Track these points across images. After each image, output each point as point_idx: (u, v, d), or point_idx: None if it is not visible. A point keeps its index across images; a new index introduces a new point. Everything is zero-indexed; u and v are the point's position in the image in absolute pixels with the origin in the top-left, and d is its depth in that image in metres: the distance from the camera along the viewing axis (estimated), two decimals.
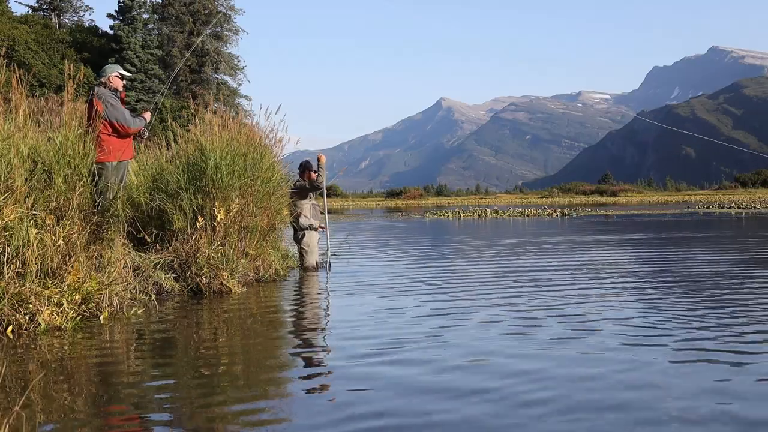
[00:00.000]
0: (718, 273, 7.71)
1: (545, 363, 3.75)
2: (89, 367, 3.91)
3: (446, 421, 2.87)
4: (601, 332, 4.56)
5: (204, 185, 6.92)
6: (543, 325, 4.83)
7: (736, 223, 20.41)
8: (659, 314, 5.19)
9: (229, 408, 3.13)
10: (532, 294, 6.36)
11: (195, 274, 6.51)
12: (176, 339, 4.68)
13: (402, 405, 3.09)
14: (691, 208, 36.58)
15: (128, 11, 49.96)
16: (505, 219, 27.35)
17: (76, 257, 5.14)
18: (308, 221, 8.65)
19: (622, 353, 3.96)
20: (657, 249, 11.25)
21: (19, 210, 4.86)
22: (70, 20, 57.57)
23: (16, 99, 5.44)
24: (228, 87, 50.49)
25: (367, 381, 3.50)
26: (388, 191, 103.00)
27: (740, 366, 3.66)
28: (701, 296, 6.08)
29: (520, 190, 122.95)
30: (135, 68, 47.31)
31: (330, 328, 5.10)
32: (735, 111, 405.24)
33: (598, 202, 64.12)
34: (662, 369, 3.62)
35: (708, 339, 4.31)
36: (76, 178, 5.52)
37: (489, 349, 4.11)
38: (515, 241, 13.75)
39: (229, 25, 51.29)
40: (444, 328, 4.82)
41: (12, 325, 4.57)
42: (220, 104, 9.45)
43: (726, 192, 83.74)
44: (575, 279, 7.47)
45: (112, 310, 5.27)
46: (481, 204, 61.11)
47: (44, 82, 42.18)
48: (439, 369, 3.69)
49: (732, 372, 3.55)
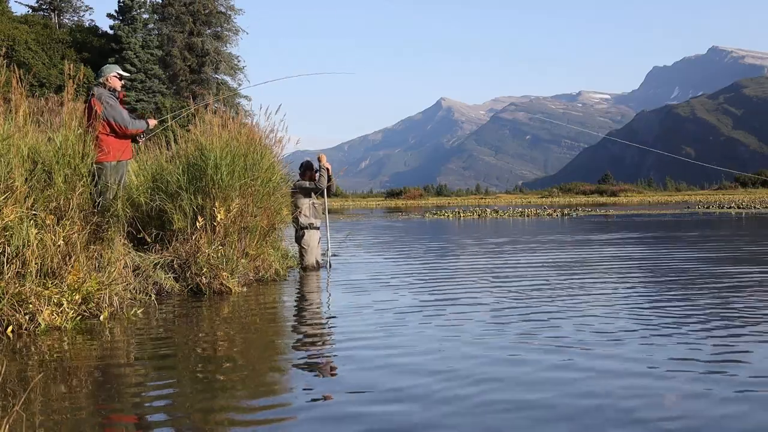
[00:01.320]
0: (693, 269, 7.74)
1: (482, 350, 3.77)
2: (89, 367, 3.91)
3: (447, 417, 2.88)
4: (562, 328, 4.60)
5: (204, 185, 6.92)
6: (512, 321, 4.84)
7: (736, 222, 20.41)
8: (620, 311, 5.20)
9: (229, 408, 3.13)
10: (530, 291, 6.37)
11: (195, 274, 6.51)
12: (176, 339, 4.68)
13: (405, 408, 3.10)
14: (691, 208, 36.57)
15: (128, 11, 49.96)
16: (505, 219, 27.35)
17: (76, 257, 5.14)
18: (308, 220, 8.66)
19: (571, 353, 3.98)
20: (644, 248, 11.25)
21: (19, 210, 4.86)
22: (70, 20, 57.59)
23: (16, 99, 5.44)
24: (228, 87, 50.46)
25: (367, 381, 3.50)
26: (388, 191, 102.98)
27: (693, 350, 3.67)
28: (664, 291, 6.09)
29: (520, 190, 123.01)
30: (135, 68, 47.27)
31: (330, 327, 5.10)
32: (735, 111, 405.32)
33: (598, 202, 64.10)
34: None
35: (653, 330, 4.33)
36: (76, 178, 5.51)
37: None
38: (517, 239, 13.75)
39: (229, 25, 51.26)
40: (442, 327, 4.83)
41: (12, 325, 4.57)
42: (220, 104, 9.45)
43: (726, 192, 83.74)
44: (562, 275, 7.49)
45: (112, 310, 5.27)
46: (481, 204, 61.10)
47: (44, 82, 42.17)
48: (438, 367, 3.70)
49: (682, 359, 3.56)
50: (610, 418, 2.89)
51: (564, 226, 20.67)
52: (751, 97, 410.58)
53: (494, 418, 2.92)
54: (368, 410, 3.04)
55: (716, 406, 3.03)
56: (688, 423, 2.82)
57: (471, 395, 3.22)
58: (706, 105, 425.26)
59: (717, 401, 3.09)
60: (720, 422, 2.83)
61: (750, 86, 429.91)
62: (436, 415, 2.95)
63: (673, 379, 3.44)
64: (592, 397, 3.17)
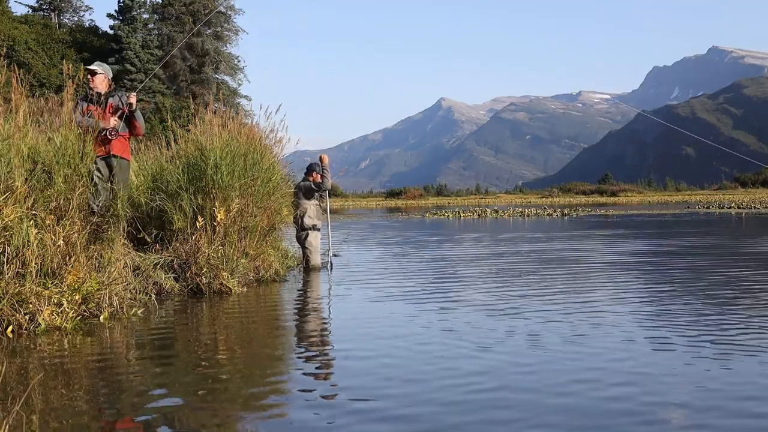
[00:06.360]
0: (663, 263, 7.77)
1: (485, 352, 3.77)
2: (89, 367, 3.91)
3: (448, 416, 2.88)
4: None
5: (204, 185, 6.92)
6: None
7: (735, 222, 20.41)
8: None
9: (229, 408, 3.13)
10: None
11: (195, 274, 6.51)
12: (176, 339, 4.68)
13: (406, 411, 3.09)
14: (691, 208, 36.57)
15: (128, 11, 49.92)
16: (505, 219, 27.34)
17: (76, 257, 5.14)
18: (312, 221, 8.67)
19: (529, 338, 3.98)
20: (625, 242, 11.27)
21: (19, 210, 4.86)
22: (70, 20, 57.52)
23: (16, 99, 5.44)
24: (228, 87, 50.44)
25: (368, 381, 3.50)
26: (388, 191, 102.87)
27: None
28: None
29: (520, 190, 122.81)
30: (135, 68, 47.26)
31: (330, 328, 5.10)
32: (735, 111, 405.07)
33: (598, 202, 64.08)
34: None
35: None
36: (76, 178, 5.51)
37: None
38: (518, 239, 13.75)
39: (229, 25, 51.23)
40: (444, 328, 4.83)
41: (12, 325, 4.57)
42: (220, 104, 9.45)
43: (726, 192, 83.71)
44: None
45: (112, 310, 5.27)
46: (481, 204, 61.06)
47: (44, 82, 42.15)
48: (439, 369, 3.70)
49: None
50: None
51: (564, 226, 20.66)
52: (751, 97, 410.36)
53: (498, 421, 2.92)
54: (368, 410, 3.04)
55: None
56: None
57: (475, 399, 3.22)
58: (706, 105, 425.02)
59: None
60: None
61: (750, 86, 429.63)
62: (437, 417, 2.96)
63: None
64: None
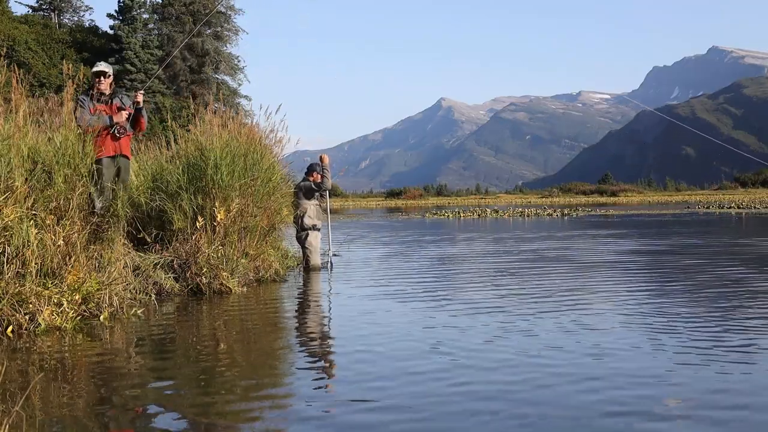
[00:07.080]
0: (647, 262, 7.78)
1: (487, 354, 3.77)
2: (89, 367, 3.91)
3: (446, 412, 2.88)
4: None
5: (204, 185, 6.92)
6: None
7: (735, 222, 20.41)
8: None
9: (230, 407, 3.13)
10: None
11: (195, 274, 6.51)
12: (176, 339, 4.68)
13: (406, 414, 3.09)
14: (691, 208, 36.56)
15: (128, 11, 49.91)
16: (505, 219, 27.34)
17: (76, 257, 5.14)
18: (312, 221, 8.66)
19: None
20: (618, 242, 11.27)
21: (19, 210, 4.86)
22: (70, 20, 57.52)
23: (16, 99, 5.45)
24: (228, 87, 50.44)
25: (367, 382, 3.50)
26: (388, 191, 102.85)
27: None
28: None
29: (520, 190, 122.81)
30: (135, 68, 47.25)
31: (330, 326, 5.10)
32: (735, 111, 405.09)
33: (598, 202, 64.07)
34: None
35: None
36: (76, 178, 5.52)
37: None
38: (518, 239, 13.75)
39: (229, 25, 51.23)
40: (445, 329, 4.83)
41: (12, 325, 4.57)
42: (220, 104, 9.46)
43: (726, 192, 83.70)
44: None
45: (112, 310, 5.27)
46: (482, 204, 61.06)
47: (44, 82, 42.14)
48: (439, 370, 3.70)
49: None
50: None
51: (564, 225, 20.66)
52: (751, 97, 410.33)
53: (501, 424, 2.92)
54: (369, 411, 3.04)
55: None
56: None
57: (478, 403, 3.22)
58: (706, 105, 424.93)
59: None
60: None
61: (750, 86, 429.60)
62: (437, 419, 2.96)
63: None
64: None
